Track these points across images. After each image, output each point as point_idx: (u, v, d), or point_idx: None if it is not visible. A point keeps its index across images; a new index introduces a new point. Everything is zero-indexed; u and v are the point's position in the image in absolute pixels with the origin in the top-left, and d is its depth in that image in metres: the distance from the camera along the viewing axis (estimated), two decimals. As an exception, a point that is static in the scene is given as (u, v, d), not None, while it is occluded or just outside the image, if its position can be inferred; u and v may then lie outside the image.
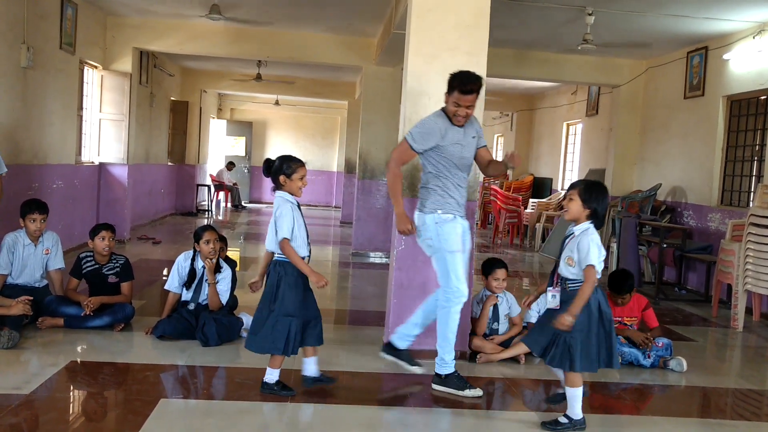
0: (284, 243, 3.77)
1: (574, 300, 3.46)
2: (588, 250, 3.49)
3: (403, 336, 4.33)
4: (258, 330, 3.83)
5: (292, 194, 3.88)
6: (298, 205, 3.92)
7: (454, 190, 4.18)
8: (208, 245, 4.98)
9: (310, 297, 3.94)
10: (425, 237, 4.22)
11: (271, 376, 3.91)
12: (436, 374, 4.20)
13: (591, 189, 3.60)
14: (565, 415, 3.61)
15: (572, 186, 3.70)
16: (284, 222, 3.78)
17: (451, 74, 4.11)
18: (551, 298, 3.64)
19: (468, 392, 4.09)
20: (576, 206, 3.59)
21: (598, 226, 3.64)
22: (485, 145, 4.40)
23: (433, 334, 4.32)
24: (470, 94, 4.03)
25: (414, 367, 4.29)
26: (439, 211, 4.13)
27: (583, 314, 3.48)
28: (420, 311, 4.34)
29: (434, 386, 4.18)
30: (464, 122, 4.16)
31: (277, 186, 3.88)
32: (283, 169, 3.85)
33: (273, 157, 3.96)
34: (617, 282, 5.02)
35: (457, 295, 4.13)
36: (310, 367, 4.03)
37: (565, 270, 3.59)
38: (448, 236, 4.12)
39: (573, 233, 3.63)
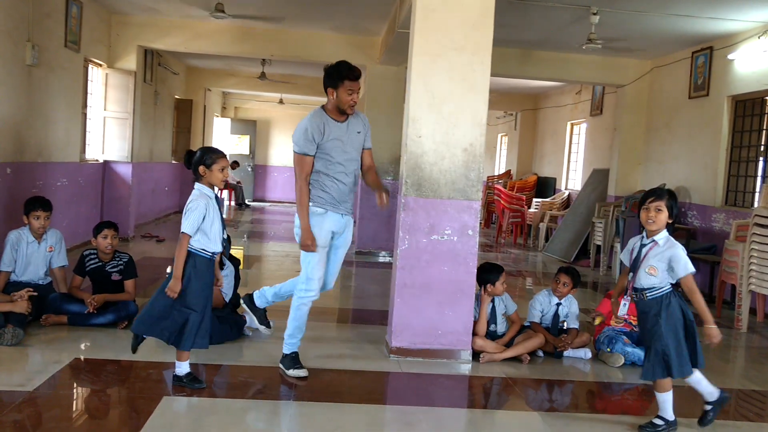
0: (183, 237, 3.78)
1: (702, 314, 3.53)
2: (684, 260, 3.55)
3: (262, 297, 4.62)
4: (152, 312, 3.84)
5: (214, 185, 3.87)
6: (216, 199, 3.91)
7: (331, 185, 4.18)
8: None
9: (211, 294, 3.93)
10: (295, 227, 4.27)
11: (180, 368, 3.90)
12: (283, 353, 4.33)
13: (674, 197, 3.64)
14: (659, 416, 3.67)
15: (655, 196, 3.63)
16: (191, 217, 3.77)
17: (330, 67, 4.16)
18: (622, 306, 3.68)
19: (291, 372, 4.18)
20: (664, 216, 3.60)
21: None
22: (370, 148, 4.38)
23: (442, 335, 4.42)
24: (358, 79, 4.12)
25: (262, 327, 4.60)
26: (309, 204, 4.16)
27: (671, 321, 3.54)
28: (283, 286, 4.54)
29: (279, 363, 4.32)
30: (352, 111, 4.20)
31: (197, 177, 3.87)
32: (203, 160, 3.84)
33: (194, 149, 3.98)
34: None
35: (304, 292, 4.24)
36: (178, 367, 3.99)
37: (645, 279, 3.60)
38: (312, 229, 4.15)
39: (654, 242, 3.62)
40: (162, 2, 8.63)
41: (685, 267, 3.54)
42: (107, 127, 9.66)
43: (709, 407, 3.71)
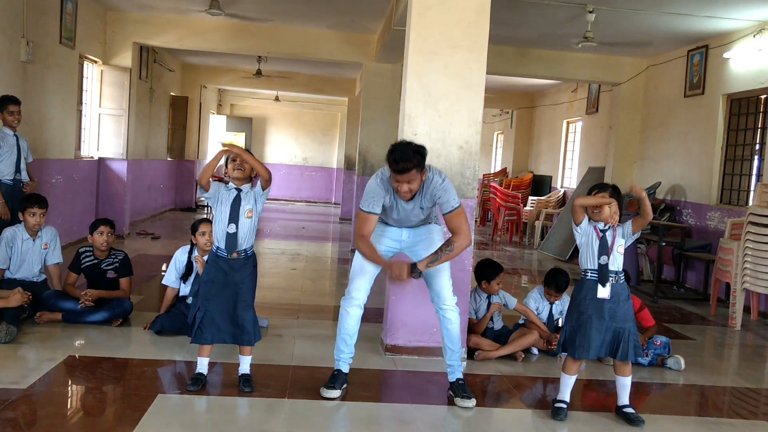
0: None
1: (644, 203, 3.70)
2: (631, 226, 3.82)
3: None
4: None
5: (228, 183, 3.95)
6: (238, 195, 3.95)
7: (378, 239, 3.96)
8: (204, 237, 4.96)
9: (224, 293, 3.81)
10: None
11: (198, 364, 3.94)
12: None
13: (618, 190, 3.80)
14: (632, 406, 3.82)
15: (600, 188, 3.78)
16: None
17: (390, 147, 3.71)
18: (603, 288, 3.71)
19: (321, 389, 3.91)
20: (615, 206, 3.76)
21: None
22: (451, 211, 3.81)
23: (438, 332, 4.33)
24: (406, 172, 3.63)
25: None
26: None
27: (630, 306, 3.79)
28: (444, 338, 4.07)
29: None
30: (410, 197, 3.79)
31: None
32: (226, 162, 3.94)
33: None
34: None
35: (347, 296, 4.05)
36: (241, 365, 3.99)
37: (619, 260, 3.73)
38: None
39: (610, 227, 3.74)
40: (157, -1, 8.61)
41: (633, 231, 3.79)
42: (102, 124, 9.63)
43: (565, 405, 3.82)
